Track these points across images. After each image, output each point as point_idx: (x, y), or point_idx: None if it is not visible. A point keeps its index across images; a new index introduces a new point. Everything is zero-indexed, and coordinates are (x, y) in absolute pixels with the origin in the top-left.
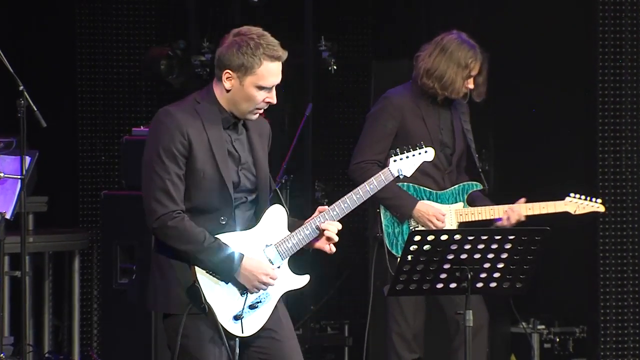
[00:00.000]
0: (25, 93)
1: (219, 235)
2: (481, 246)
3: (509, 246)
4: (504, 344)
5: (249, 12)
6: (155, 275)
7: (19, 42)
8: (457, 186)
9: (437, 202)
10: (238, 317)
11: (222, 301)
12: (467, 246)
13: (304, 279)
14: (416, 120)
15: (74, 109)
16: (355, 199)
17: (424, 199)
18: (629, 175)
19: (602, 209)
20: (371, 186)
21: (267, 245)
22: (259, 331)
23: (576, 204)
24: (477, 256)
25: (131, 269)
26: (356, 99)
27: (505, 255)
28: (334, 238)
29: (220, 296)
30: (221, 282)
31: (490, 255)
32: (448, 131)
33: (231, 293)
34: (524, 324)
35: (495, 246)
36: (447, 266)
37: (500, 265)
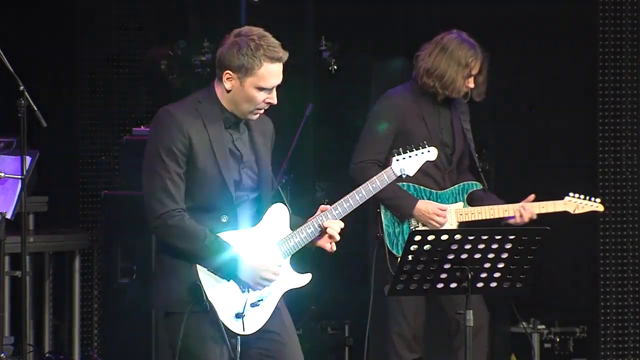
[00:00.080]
0: (26, 93)
1: (220, 234)
2: (482, 246)
3: (509, 246)
4: (504, 343)
5: (250, 12)
6: (157, 274)
7: (19, 42)
8: (457, 186)
9: (437, 202)
10: (239, 315)
11: (223, 299)
12: (467, 246)
13: (305, 277)
14: (416, 120)
15: (74, 109)
16: (357, 198)
17: (424, 199)
18: (629, 175)
19: (601, 208)
20: (373, 185)
21: (269, 244)
22: (262, 333)
23: (575, 204)
24: (478, 256)
25: (131, 269)
26: (356, 99)
27: (505, 255)
28: (336, 237)
29: (222, 294)
30: (223, 280)
31: (491, 255)
32: (448, 131)
33: (233, 291)
34: (524, 323)
35: (495, 246)
36: (447, 266)
37: (501, 265)
